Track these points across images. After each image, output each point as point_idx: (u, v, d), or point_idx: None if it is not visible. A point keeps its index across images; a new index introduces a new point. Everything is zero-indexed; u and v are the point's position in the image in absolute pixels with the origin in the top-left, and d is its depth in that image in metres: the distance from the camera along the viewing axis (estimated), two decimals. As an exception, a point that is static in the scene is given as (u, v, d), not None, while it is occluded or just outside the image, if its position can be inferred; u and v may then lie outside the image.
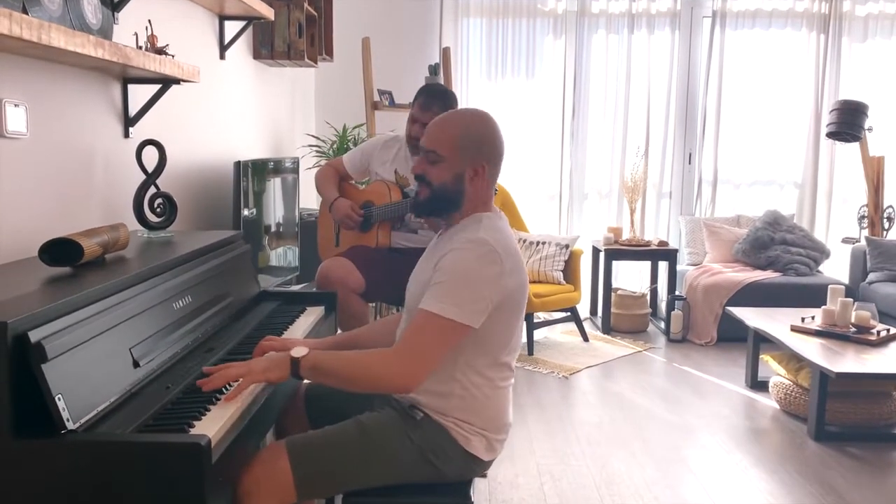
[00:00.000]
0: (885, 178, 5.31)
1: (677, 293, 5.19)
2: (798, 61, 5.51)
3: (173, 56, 2.38)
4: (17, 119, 1.87)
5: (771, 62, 5.53)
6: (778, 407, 3.75)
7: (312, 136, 4.93)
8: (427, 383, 1.68)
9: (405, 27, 5.49)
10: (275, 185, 3.41)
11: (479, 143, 1.75)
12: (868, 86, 5.48)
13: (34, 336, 1.30)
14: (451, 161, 1.75)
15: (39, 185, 2.03)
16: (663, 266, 5.55)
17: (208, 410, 1.53)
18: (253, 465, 1.63)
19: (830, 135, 5.15)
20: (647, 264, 5.59)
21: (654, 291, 5.56)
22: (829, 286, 3.86)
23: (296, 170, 3.85)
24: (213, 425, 1.46)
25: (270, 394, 1.72)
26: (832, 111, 5.13)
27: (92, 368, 1.43)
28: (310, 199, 4.88)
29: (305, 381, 1.77)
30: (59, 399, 1.30)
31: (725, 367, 4.47)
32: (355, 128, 4.88)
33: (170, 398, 1.57)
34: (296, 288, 3.98)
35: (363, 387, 1.71)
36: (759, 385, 4.05)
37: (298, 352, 1.67)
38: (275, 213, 3.40)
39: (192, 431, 1.42)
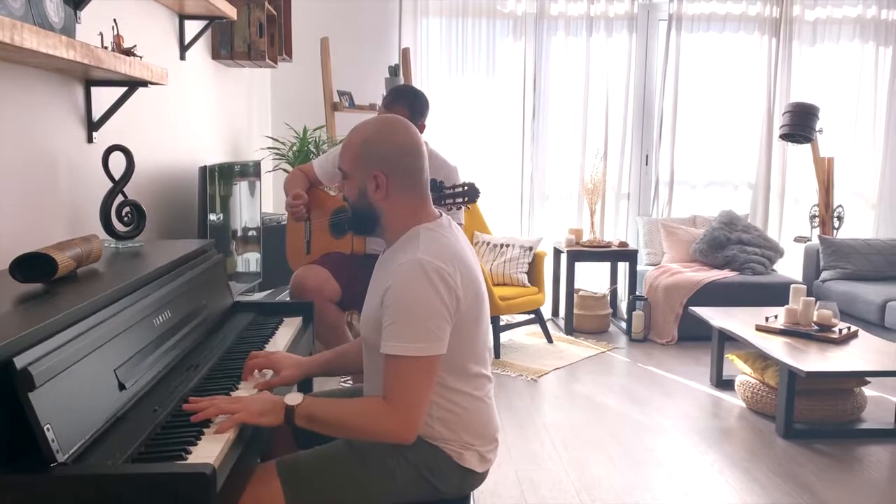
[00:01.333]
0: (835, 179, 5.46)
1: (638, 293, 5.24)
2: (751, 64, 5.62)
3: (141, 57, 2.27)
4: (-20, 125, 1.75)
5: (725, 65, 5.63)
6: (744, 406, 3.81)
7: (271, 137, 4.81)
8: None
9: (364, 27, 5.41)
10: (241, 190, 3.31)
11: (374, 150, 1.63)
12: (817, 88, 5.62)
13: (19, 362, 1.20)
14: (353, 176, 1.67)
15: (1, 191, 1.91)
16: (622, 266, 5.61)
17: (203, 434, 1.45)
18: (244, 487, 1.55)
19: (784, 136, 5.27)
20: (606, 265, 5.63)
21: (613, 292, 5.60)
22: (792, 286, 3.94)
23: (258, 173, 3.75)
24: (211, 451, 1.38)
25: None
26: (785, 113, 5.25)
27: (78, 394, 1.34)
28: (270, 203, 4.76)
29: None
30: (47, 429, 1.21)
31: (689, 366, 4.53)
32: (315, 129, 4.78)
33: (159, 422, 1.48)
34: (259, 295, 3.88)
35: (359, 438, 1.63)
36: (724, 384, 4.11)
37: (293, 399, 1.57)
38: (241, 218, 3.30)
39: (190, 458, 1.34)
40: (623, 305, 5.67)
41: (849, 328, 3.72)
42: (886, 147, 5.75)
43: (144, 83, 2.35)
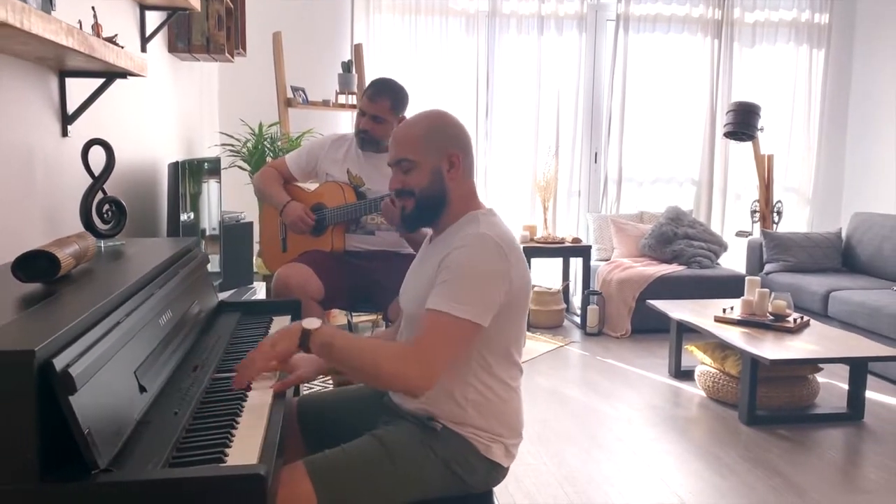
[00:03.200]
0: (775, 176, 5.68)
1: (591, 288, 5.33)
2: (694, 64, 5.80)
3: (123, 47, 2.17)
4: (-32, 115, 1.64)
5: (670, 65, 5.79)
6: (704, 395, 3.92)
7: (226, 134, 4.68)
8: (443, 391, 1.62)
9: (315, 22, 5.33)
10: (209, 188, 3.21)
11: (445, 133, 1.72)
12: (756, 88, 5.84)
13: (59, 363, 1.13)
14: (424, 162, 1.70)
15: (-15, 190, 1.79)
16: (573, 262, 5.70)
17: (233, 436, 1.40)
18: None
19: (728, 134, 5.45)
20: (558, 261, 5.71)
21: (566, 288, 5.69)
22: (747, 278, 4.08)
23: (218, 170, 3.64)
24: (248, 452, 1.33)
25: (277, 411, 1.60)
26: (728, 112, 5.43)
27: (107, 397, 1.27)
28: (231, 201, 4.61)
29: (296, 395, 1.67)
30: (88, 435, 1.14)
31: (645, 357, 4.63)
32: (270, 126, 4.67)
33: (183, 425, 1.42)
34: (222, 296, 3.76)
35: (373, 381, 1.64)
36: (682, 374, 4.22)
37: (311, 323, 1.59)
38: (210, 216, 3.20)
39: (230, 460, 1.29)
40: (575, 300, 5.76)
41: (801, 318, 3.87)
42: (820, 145, 6.03)
43: (124, 74, 2.25)
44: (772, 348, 3.43)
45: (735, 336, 3.63)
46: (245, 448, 1.35)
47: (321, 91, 5.19)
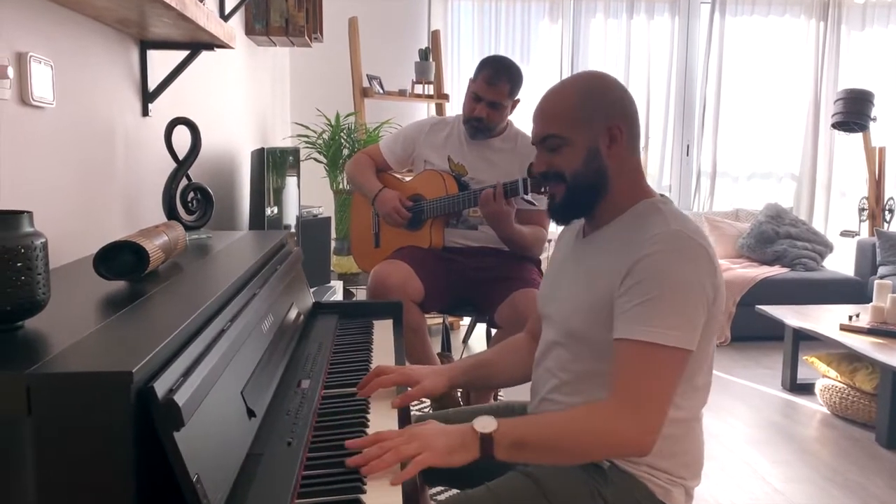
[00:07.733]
0: (887, 170, 5.20)
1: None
2: (797, 49, 5.36)
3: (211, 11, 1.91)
4: (43, 82, 1.39)
5: (770, 50, 5.37)
6: (828, 412, 3.52)
7: (301, 125, 4.44)
8: None
9: (390, 8, 5.06)
10: (291, 180, 2.95)
11: (604, 100, 1.36)
12: (867, 75, 5.37)
13: (160, 388, 0.85)
14: (577, 138, 1.35)
15: (60, 170, 1.55)
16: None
17: (365, 480, 1.10)
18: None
19: (837, 125, 5.00)
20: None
21: (655, 290, 5.31)
22: (876, 282, 3.66)
23: (298, 162, 3.39)
24: (386, 497, 1.04)
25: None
26: (837, 100, 4.98)
27: (216, 427, 0.99)
28: (307, 195, 4.38)
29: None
30: (196, 481, 0.87)
31: (751, 368, 4.24)
32: (347, 116, 4.42)
33: (301, 460, 1.14)
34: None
35: (585, 458, 1.30)
36: (798, 387, 3.81)
37: (486, 425, 1.21)
38: (293, 210, 2.95)
39: (369, 512, 1.00)
40: (664, 304, 5.37)
41: (943, 327, 3.44)
42: (936, 137, 5.51)
43: (211, 46, 2.00)
44: (918, 362, 3.02)
45: (867, 347, 3.22)
46: (380, 494, 1.06)
47: (397, 80, 4.92)
